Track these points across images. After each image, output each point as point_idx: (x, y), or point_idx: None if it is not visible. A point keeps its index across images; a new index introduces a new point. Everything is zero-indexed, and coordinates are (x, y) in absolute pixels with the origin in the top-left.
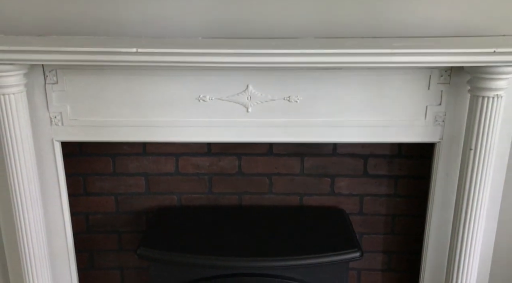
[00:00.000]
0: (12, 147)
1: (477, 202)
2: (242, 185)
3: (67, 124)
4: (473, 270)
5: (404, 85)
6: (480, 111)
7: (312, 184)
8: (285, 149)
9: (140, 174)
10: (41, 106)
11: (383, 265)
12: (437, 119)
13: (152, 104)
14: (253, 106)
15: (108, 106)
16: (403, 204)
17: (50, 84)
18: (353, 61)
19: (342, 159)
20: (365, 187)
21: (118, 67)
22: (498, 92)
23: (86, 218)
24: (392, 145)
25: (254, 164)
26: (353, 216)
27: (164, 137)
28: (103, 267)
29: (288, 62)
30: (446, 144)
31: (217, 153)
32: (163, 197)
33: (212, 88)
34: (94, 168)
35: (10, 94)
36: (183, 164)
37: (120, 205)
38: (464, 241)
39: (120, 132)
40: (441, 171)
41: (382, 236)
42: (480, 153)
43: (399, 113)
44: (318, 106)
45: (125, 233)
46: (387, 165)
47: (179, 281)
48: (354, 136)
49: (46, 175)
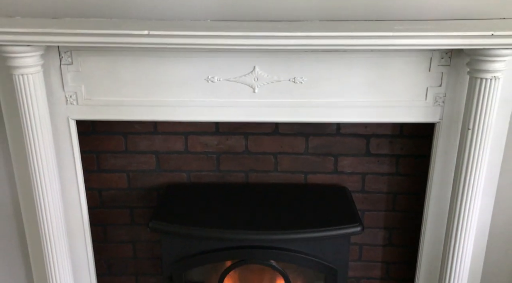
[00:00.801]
0: (30, 125)
1: (474, 179)
2: (249, 163)
3: (82, 103)
4: (469, 244)
5: (405, 67)
6: (478, 92)
7: (316, 162)
8: (290, 129)
9: (151, 152)
10: (57, 86)
11: (384, 241)
12: (437, 100)
13: (162, 84)
14: (259, 87)
15: (120, 86)
16: (403, 182)
17: (65, 65)
18: (356, 44)
19: (345, 139)
20: (367, 166)
21: (130, 49)
22: (495, 74)
23: (99, 193)
24: (393, 125)
25: (260, 143)
26: (356, 194)
27: (174, 116)
28: (116, 241)
29: (293, 44)
30: (445, 124)
31: (225, 132)
32: (173, 174)
33: (220, 69)
34: (107, 146)
35: (28, 74)
36: (192, 143)
37: (131, 181)
38: (461, 217)
39: (132, 111)
40: (441, 150)
41: (383, 213)
42: (477, 132)
43: (400, 94)
44: (322, 87)
45: (137, 208)
46: (389, 144)
47: (189, 253)
48: (357, 116)
49: (62, 152)
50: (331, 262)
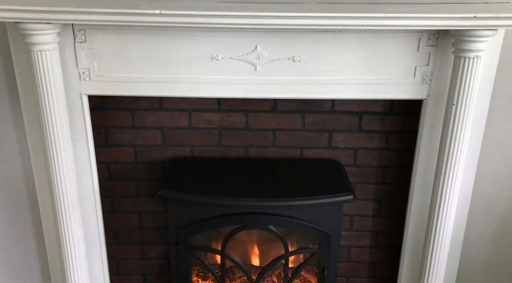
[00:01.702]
0: (47, 99)
1: (457, 152)
2: (249, 139)
3: (94, 80)
4: (451, 213)
5: (396, 47)
6: (462, 70)
7: (312, 138)
8: (288, 107)
9: (157, 128)
10: (71, 63)
11: (374, 212)
12: (425, 78)
13: (170, 62)
14: (261, 65)
15: (130, 63)
16: (393, 157)
17: (79, 43)
18: (350, 24)
19: (339, 116)
20: (359, 141)
21: (140, 28)
22: (478, 53)
23: (107, 167)
24: (384, 103)
25: (260, 120)
26: (348, 168)
27: (180, 92)
28: (123, 211)
29: (293, 24)
30: (432, 101)
31: (227, 109)
32: (177, 149)
33: (224, 48)
34: (115, 121)
35: (46, 50)
36: (195, 119)
37: (138, 155)
38: (444, 188)
39: (140, 87)
40: (427, 126)
41: (374, 185)
42: (461, 107)
43: (391, 72)
44: (320, 65)
45: (143, 180)
46: (380, 121)
47: (194, 219)
48: (351, 93)
49: (75, 126)
50: (325, 228)
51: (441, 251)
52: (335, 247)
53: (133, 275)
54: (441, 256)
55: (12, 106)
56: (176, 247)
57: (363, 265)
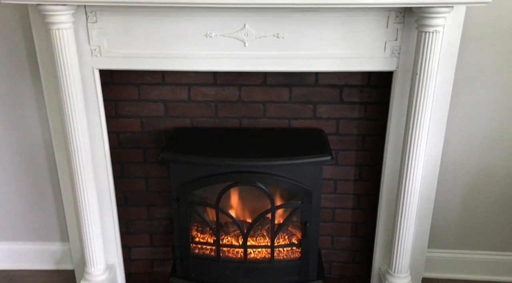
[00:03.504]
0: (64, 71)
1: (421, 116)
2: (242, 110)
3: (104, 56)
4: (418, 174)
5: (368, 24)
6: (424, 43)
7: (298, 109)
8: (276, 81)
9: (160, 101)
10: (84, 41)
11: (355, 176)
12: (394, 52)
13: (170, 39)
14: (249, 41)
15: (135, 41)
16: (371, 126)
17: (91, 23)
18: (326, 3)
19: (322, 89)
20: (340, 112)
21: (143, 9)
22: (436, 28)
23: (117, 136)
24: (362, 77)
25: (252, 93)
26: (331, 136)
27: (178, 66)
28: (131, 176)
29: (276, 3)
30: (400, 73)
31: (222, 84)
32: (178, 120)
33: (217, 26)
34: (123, 95)
35: (63, 29)
36: (194, 93)
37: (144, 125)
38: (411, 151)
39: (144, 62)
40: (397, 95)
41: (354, 152)
42: (423, 77)
43: (364, 47)
44: (301, 41)
45: (148, 148)
46: (359, 93)
47: (193, 177)
48: (330, 66)
49: (88, 99)
50: (307, 185)
51: (410, 209)
52: (316, 203)
53: (141, 234)
54: (410, 214)
55: (32, 81)
56: (178, 203)
57: (346, 225)
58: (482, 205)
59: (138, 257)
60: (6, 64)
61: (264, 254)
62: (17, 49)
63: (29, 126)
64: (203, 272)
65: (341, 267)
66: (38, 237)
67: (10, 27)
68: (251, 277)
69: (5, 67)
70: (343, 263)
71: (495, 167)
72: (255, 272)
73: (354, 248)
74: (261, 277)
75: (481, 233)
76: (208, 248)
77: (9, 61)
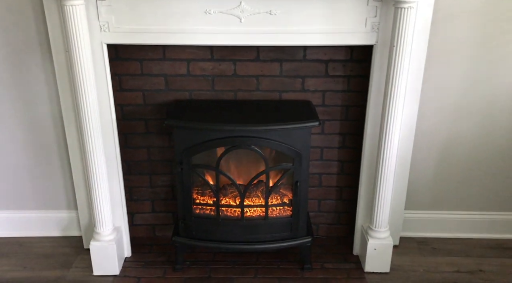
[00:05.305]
0: (76, 45)
1: (397, 84)
2: (237, 84)
3: (112, 31)
4: (395, 141)
5: (350, 2)
6: (399, 18)
7: (288, 83)
8: (268, 56)
9: (161, 75)
10: (93, 17)
11: (339, 144)
12: (374, 27)
13: (172, 16)
14: (245, 18)
15: (141, 17)
16: (354, 97)
17: (100, 0)
18: None
19: (310, 64)
20: (326, 85)
21: None
22: (410, 4)
23: (121, 108)
24: (346, 52)
25: (246, 68)
26: (318, 107)
27: (181, 41)
28: (135, 146)
29: None
30: (380, 46)
31: (218, 59)
32: (178, 93)
33: (215, 4)
34: (127, 70)
35: (75, 5)
36: (192, 68)
37: (146, 98)
38: (390, 119)
39: (149, 37)
40: (377, 68)
41: (339, 122)
42: (399, 48)
43: (348, 23)
44: (292, 18)
45: (150, 120)
46: (343, 67)
47: (195, 142)
48: (318, 40)
49: (97, 72)
50: (297, 148)
51: (388, 171)
52: (305, 164)
53: (144, 201)
54: (388, 176)
55: (41, 55)
56: (180, 166)
57: (332, 189)
58: (453, 168)
59: (140, 222)
60: (16, 39)
61: (259, 212)
62: (27, 26)
63: (37, 98)
64: (203, 230)
65: (327, 228)
66: (46, 206)
67: (21, 4)
68: (248, 234)
69: (14, 42)
70: (329, 224)
71: (464, 132)
72: (251, 229)
73: (339, 210)
74: (257, 234)
75: (453, 195)
76: (208, 209)
77: (19, 37)
